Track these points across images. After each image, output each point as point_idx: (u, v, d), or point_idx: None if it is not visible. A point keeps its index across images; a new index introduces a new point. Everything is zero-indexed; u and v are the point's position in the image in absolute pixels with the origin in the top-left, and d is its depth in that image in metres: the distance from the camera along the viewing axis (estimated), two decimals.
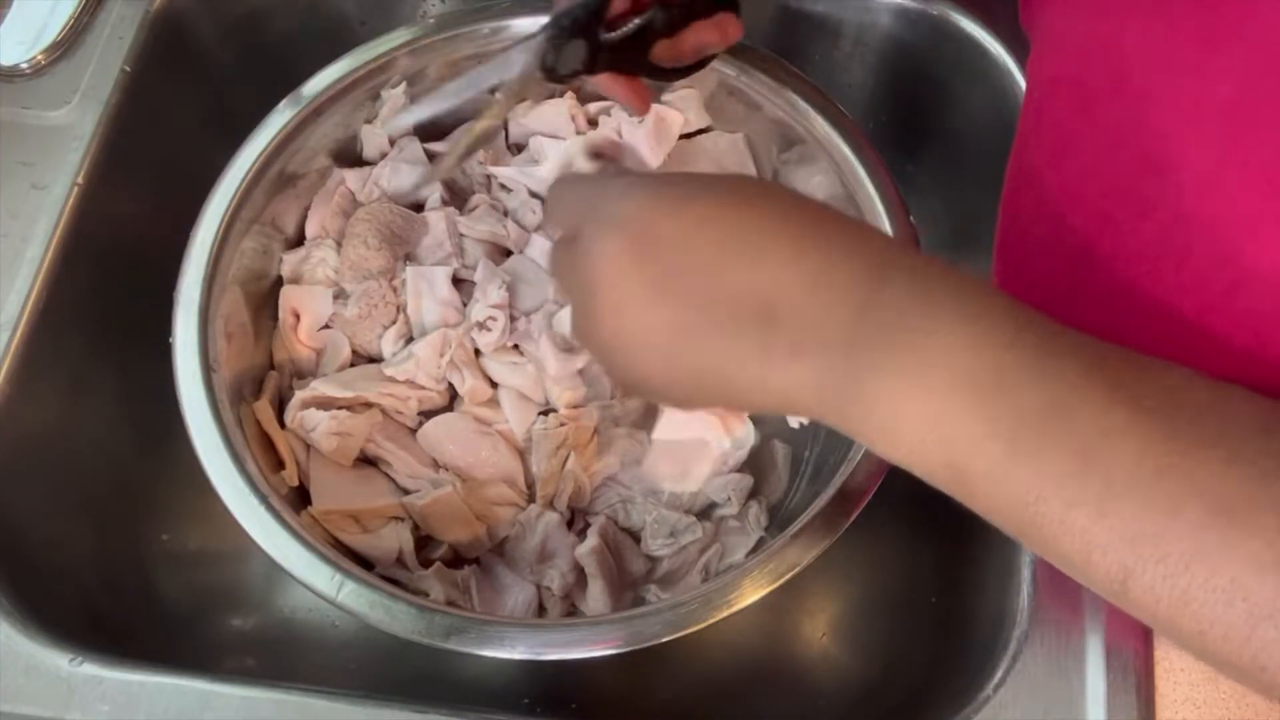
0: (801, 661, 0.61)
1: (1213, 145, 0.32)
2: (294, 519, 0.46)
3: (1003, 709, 0.44)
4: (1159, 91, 0.33)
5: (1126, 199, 0.35)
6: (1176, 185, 0.33)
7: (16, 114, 0.56)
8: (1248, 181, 0.31)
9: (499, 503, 0.55)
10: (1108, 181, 0.36)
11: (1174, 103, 0.33)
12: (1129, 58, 0.34)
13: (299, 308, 0.56)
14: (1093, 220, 0.37)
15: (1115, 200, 0.35)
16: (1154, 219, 0.34)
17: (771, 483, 0.59)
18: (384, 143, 0.60)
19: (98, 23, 0.59)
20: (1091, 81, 0.36)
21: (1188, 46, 0.32)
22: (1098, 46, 0.36)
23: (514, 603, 0.53)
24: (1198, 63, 0.32)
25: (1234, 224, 0.32)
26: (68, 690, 0.44)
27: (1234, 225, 0.32)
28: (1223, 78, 0.31)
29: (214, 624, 0.59)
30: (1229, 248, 0.32)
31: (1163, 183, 0.33)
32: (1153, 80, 0.34)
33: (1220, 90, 0.31)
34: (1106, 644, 0.45)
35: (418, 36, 0.56)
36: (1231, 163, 0.31)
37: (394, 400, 0.55)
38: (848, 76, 0.67)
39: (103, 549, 0.56)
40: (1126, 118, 0.34)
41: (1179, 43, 0.33)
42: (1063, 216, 0.39)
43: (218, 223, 0.51)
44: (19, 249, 0.52)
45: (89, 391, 0.56)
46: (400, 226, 0.57)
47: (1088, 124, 0.37)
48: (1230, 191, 0.31)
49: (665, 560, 0.55)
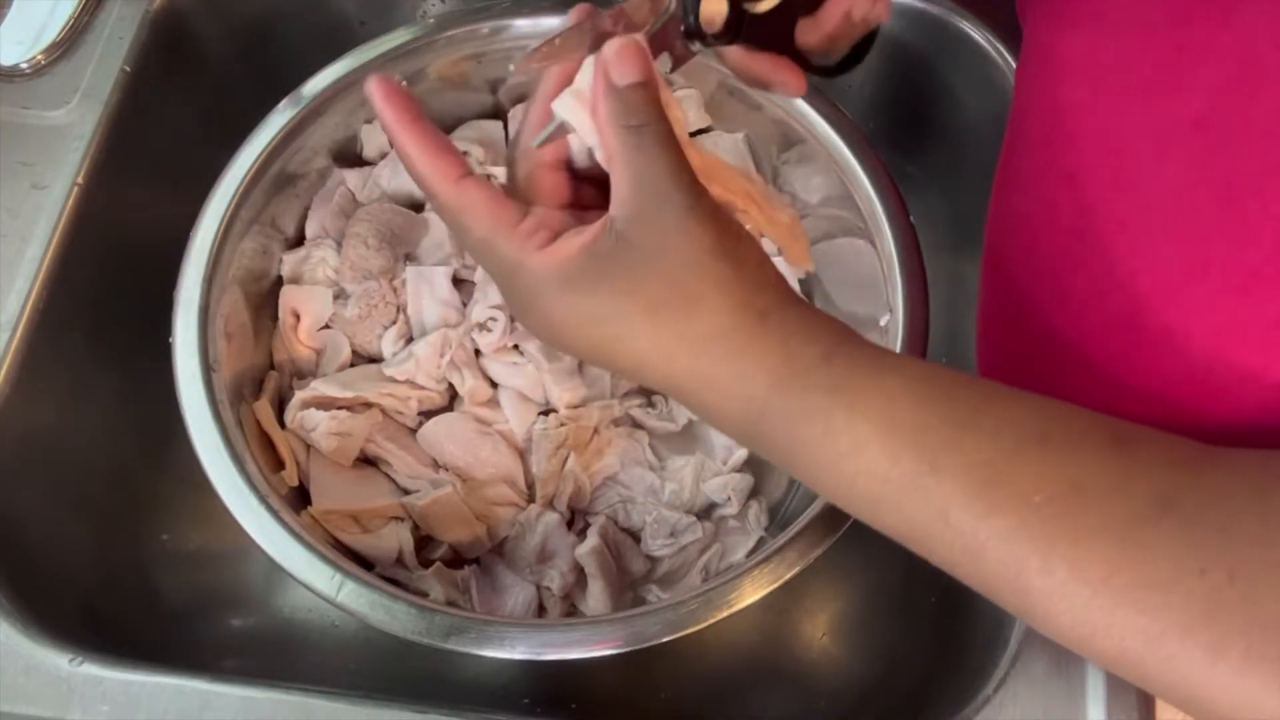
0: (801, 661, 0.61)
1: (1181, 163, 0.32)
2: (294, 519, 0.46)
3: (1003, 709, 0.44)
4: (1130, 109, 0.33)
5: (1099, 213, 0.35)
6: (1144, 202, 0.33)
7: (16, 114, 0.56)
8: (1214, 199, 0.31)
9: (499, 503, 0.55)
10: (1083, 194, 0.36)
11: (1144, 120, 0.33)
12: (1103, 74, 0.35)
13: (299, 308, 0.56)
14: (1063, 234, 0.37)
15: (1089, 215, 0.36)
16: (1124, 235, 0.34)
17: (771, 483, 0.59)
18: (384, 142, 0.60)
19: (98, 23, 0.59)
20: (1068, 98, 0.36)
21: (1160, 63, 0.32)
22: (1075, 63, 0.36)
23: (514, 603, 0.53)
24: (1169, 79, 0.32)
25: (1202, 243, 0.32)
26: (68, 690, 0.44)
27: (1202, 244, 0.32)
28: (1193, 94, 0.31)
29: (214, 624, 0.59)
30: (1196, 261, 0.32)
31: (1132, 199, 0.34)
32: (1125, 97, 0.34)
33: (1189, 107, 0.31)
34: None
35: (418, 36, 0.56)
36: (1200, 179, 0.31)
37: (394, 400, 0.55)
38: (848, 76, 0.66)
39: (103, 549, 0.56)
40: (1099, 134, 0.35)
41: (1151, 59, 0.33)
42: (1037, 228, 0.39)
43: (218, 223, 0.51)
44: (19, 249, 0.52)
45: (89, 391, 0.56)
46: (400, 226, 0.57)
47: (1062, 137, 0.37)
48: (1198, 210, 0.32)
49: (665, 560, 0.55)
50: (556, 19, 0.56)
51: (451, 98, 0.61)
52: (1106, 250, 0.35)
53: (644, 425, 0.59)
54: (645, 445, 0.58)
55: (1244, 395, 0.32)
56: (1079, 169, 0.36)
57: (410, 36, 0.56)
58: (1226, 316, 0.32)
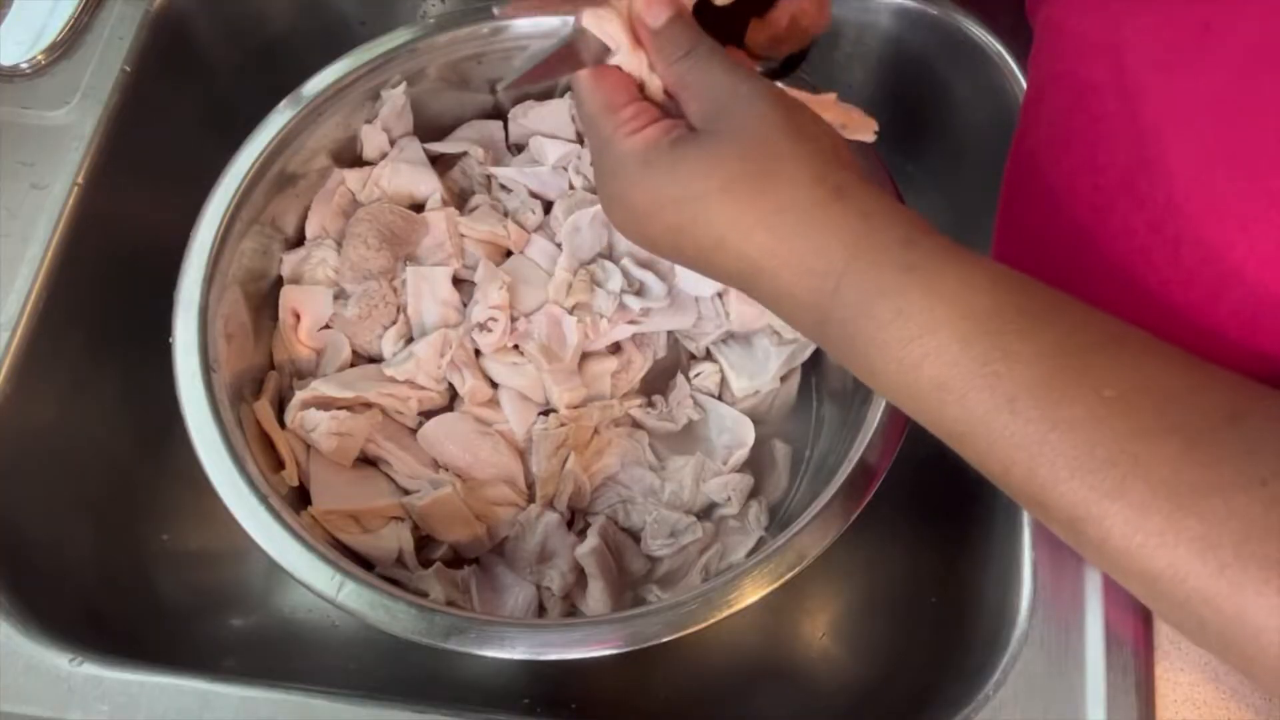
0: (801, 661, 0.61)
1: (1204, 138, 0.32)
2: (294, 519, 0.46)
3: (1003, 709, 0.44)
4: (1153, 84, 0.33)
5: (1120, 192, 0.35)
6: (1167, 178, 0.33)
7: (16, 114, 0.56)
8: (1236, 174, 0.31)
9: (499, 503, 0.55)
10: (1102, 174, 0.36)
11: (1167, 96, 0.33)
12: (1125, 51, 0.35)
13: (299, 308, 0.56)
14: (1087, 212, 0.37)
15: (1109, 193, 0.36)
16: (1146, 212, 0.34)
17: (771, 483, 0.59)
18: (384, 142, 0.60)
19: (98, 23, 0.59)
20: (1089, 75, 0.36)
21: (1182, 39, 0.32)
22: (1096, 41, 0.36)
23: (514, 603, 0.53)
24: (1192, 55, 0.32)
25: (1223, 217, 0.32)
26: (68, 690, 0.44)
27: (1223, 218, 0.32)
28: (1216, 70, 0.31)
29: (214, 624, 0.59)
30: (1218, 241, 0.32)
31: (1154, 176, 0.33)
32: (1147, 73, 0.34)
33: (1213, 82, 0.31)
34: (1107, 644, 0.45)
35: (418, 36, 0.56)
36: (1221, 155, 0.31)
37: (394, 400, 0.55)
38: (848, 76, 0.67)
39: (103, 549, 0.56)
40: (1121, 111, 0.35)
41: (1174, 35, 0.33)
42: (1059, 207, 0.39)
43: (218, 223, 0.51)
44: (19, 249, 0.52)
45: (89, 391, 0.56)
46: (400, 227, 0.57)
47: (1084, 117, 0.37)
48: (1220, 185, 0.32)
49: (665, 560, 0.55)
50: (556, 19, 0.56)
51: (451, 98, 0.61)
52: (1126, 231, 0.35)
53: (644, 425, 0.59)
54: (645, 445, 0.58)
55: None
56: (1098, 148, 0.36)
57: (410, 36, 0.56)
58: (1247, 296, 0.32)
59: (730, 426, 0.59)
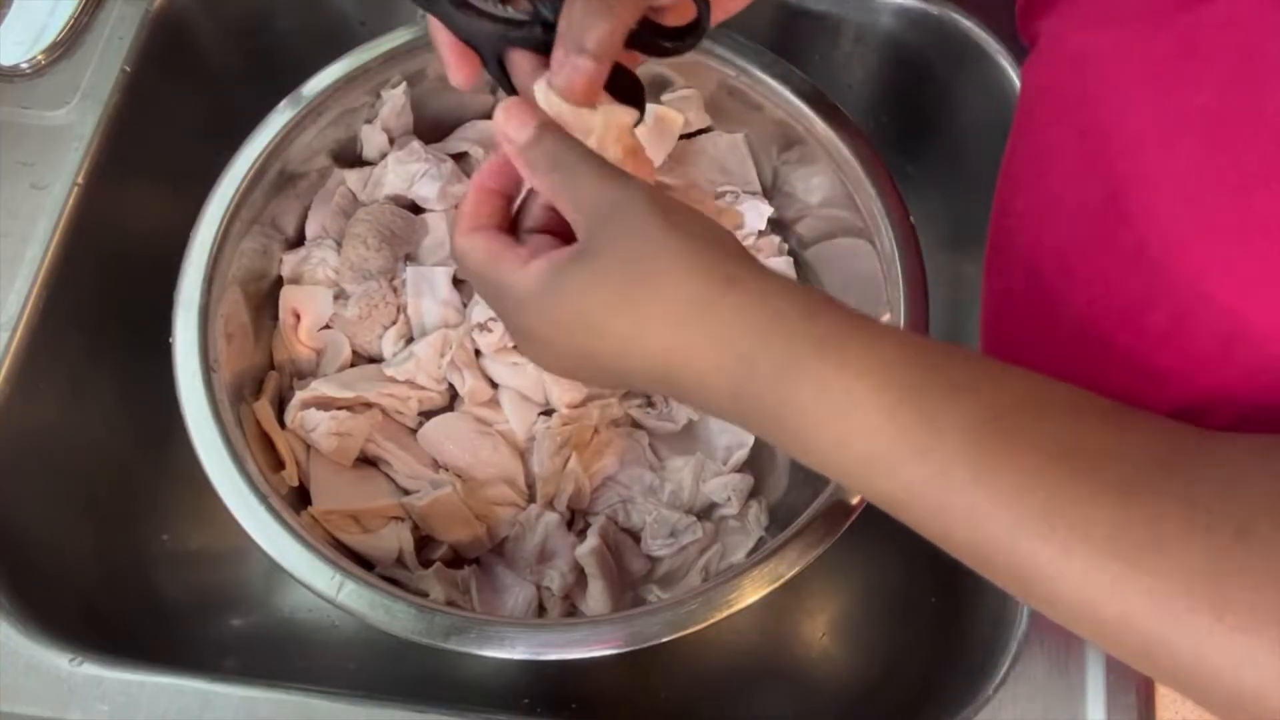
0: (801, 661, 0.61)
1: (1190, 155, 0.32)
2: (294, 519, 0.46)
3: (1003, 709, 0.44)
4: (1139, 100, 0.34)
5: (1104, 209, 0.35)
6: (1153, 196, 0.33)
7: (16, 114, 0.56)
8: (1223, 191, 0.31)
9: (499, 503, 0.55)
10: (1086, 191, 0.36)
11: (1153, 112, 0.33)
12: (1112, 67, 0.35)
13: (299, 308, 0.56)
14: (1070, 228, 0.37)
15: (1093, 211, 0.36)
16: (1130, 230, 0.34)
17: (771, 483, 0.59)
18: (384, 142, 0.60)
19: (98, 23, 0.59)
20: (1076, 91, 0.36)
21: (1168, 55, 0.32)
22: (1085, 56, 0.36)
23: (514, 603, 0.53)
24: (1177, 71, 0.32)
25: (1210, 236, 0.32)
26: (68, 690, 0.44)
27: (1209, 237, 0.32)
28: (1201, 86, 0.31)
29: (214, 624, 0.59)
30: (1202, 260, 0.32)
31: (1139, 194, 0.34)
32: (1133, 89, 0.34)
33: (1198, 98, 0.31)
34: None
35: (418, 36, 0.56)
36: (1209, 171, 0.31)
37: (394, 400, 0.55)
38: (848, 76, 0.67)
39: (103, 549, 0.56)
40: (1107, 127, 0.35)
41: (1159, 52, 0.33)
42: (1046, 221, 0.39)
43: (218, 223, 0.51)
44: (19, 249, 0.52)
45: (89, 391, 0.56)
46: (400, 227, 0.57)
47: (1071, 133, 0.37)
48: (1207, 202, 0.32)
49: (665, 560, 0.55)
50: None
51: (451, 98, 0.61)
52: (1115, 244, 0.35)
53: (644, 425, 0.59)
54: (645, 445, 0.58)
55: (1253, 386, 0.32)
56: (1087, 161, 0.36)
57: (410, 36, 0.56)
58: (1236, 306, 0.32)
59: (730, 426, 0.59)
